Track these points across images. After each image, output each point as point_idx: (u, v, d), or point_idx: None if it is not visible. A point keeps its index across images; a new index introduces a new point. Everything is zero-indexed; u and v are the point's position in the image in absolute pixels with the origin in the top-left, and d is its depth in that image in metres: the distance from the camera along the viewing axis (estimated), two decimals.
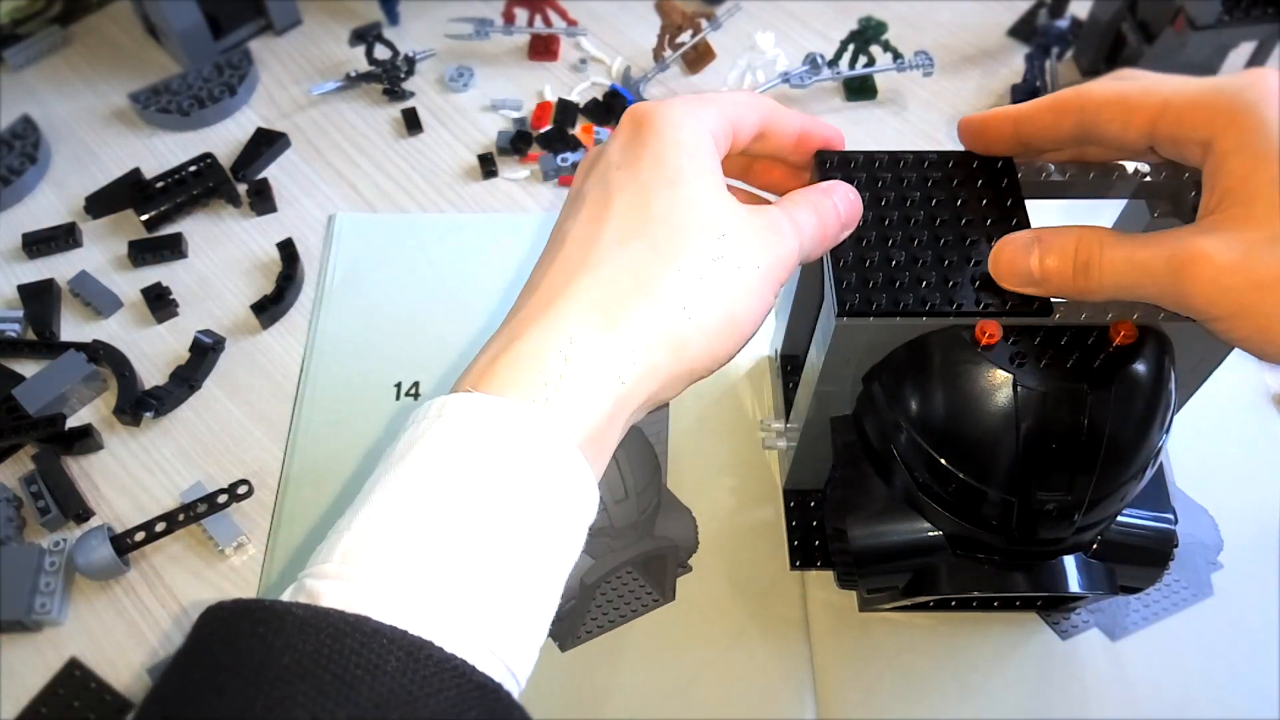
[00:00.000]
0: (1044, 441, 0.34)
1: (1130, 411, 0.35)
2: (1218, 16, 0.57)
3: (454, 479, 0.28)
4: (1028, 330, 0.35)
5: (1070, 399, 0.34)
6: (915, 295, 0.35)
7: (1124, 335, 0.34)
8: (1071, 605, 0.47)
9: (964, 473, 0.36)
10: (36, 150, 0.65)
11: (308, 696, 0.24)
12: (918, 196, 0.37)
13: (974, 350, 0.35)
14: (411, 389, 0.55)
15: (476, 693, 0.26)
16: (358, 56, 0.70)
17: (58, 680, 0.47)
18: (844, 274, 0.36)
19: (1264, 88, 0.32)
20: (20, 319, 0.58)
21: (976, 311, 0.35)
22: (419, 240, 0.61)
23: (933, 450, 0.36)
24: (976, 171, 0.38)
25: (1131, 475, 0.36)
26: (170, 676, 0.26)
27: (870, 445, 0.40)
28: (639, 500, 0.51)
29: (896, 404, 0.37)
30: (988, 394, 0.35)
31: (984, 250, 0.36)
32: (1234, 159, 0.31)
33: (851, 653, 0.46)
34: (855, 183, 0.38)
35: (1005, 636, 0.47)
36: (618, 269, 0.32)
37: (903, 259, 0.36)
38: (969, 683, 0.46)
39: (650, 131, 0.34)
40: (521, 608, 0.28)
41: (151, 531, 0.49)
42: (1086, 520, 0.36)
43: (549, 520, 0.29)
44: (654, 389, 0.32)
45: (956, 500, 0.37)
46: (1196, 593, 0.48)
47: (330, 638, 0.25)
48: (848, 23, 0.67)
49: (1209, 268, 0.30)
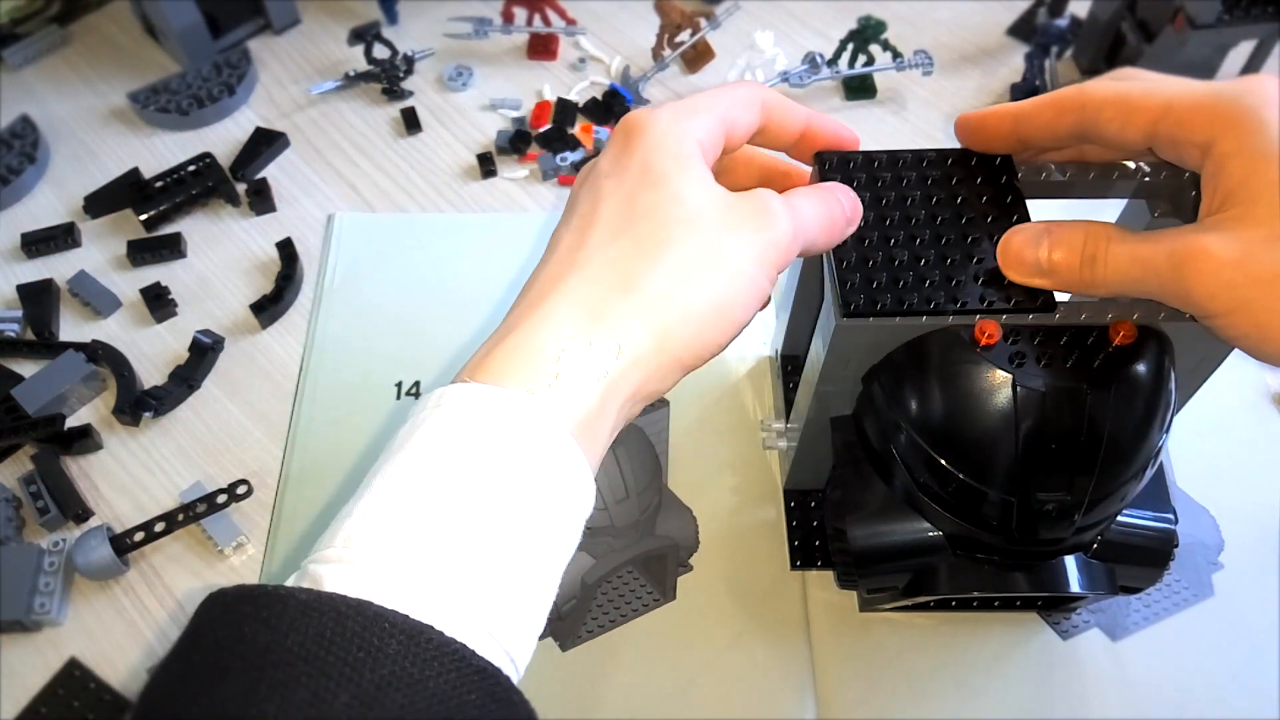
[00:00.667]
0: (1043, 442, 0.34)
1: (1129, 412, 0.35)
2: (1217, 16, 0.57)
3: (451, 465, 0.29)
4: (1027, 330, 0.35)
5: (1069, 399, 0.34)
6: (918, 295, 0.35)
7: (1123, 335, 0.34)
8: (1072, 605, 0.47)
9: (963, 473, 0.36)
10: (35, 150, 0.65)
11: (310, 678, 0.25)
12: (918, 196, 0.37)
13: (973, 350, 0.35)
14: (412, 388, 0.55)
15: (476, 676, 0.26)
16: (356, 56, 0.70)
17: (57, 680, 0.47)
18: (846, 274, 0.36)
19: (1263, 93, 0.32)
20: (19, 319, 0.58)
21: (979, 310, 0.35)
22: (418, 240, 0.61)
23: (932, 450, 0.36)
24: (975, 170, 0.38)
25: (1131, 475, 0.36)
26: (173, 661, 0.27)
27: (870, 445, 0.40)
28: (640, 500, 0.51)
29: (896, 404, 0.37)
30: (987, 394, 0.35)
31: (985, 248, 0.36)
32: (1235, 161, 0.32)
33: (852, 653, 0.46)
34: (855, 183, 0.38)
35: (1006, 636, 0.47)
36: (603, 266, 0.32)
37: (904, 259, 0.36)
38: (970, 683, 0.46)
39: (638, 139, 0.35)
40: (520, 593, 0.29)
41: (151, 531, 0.49)
42: (1086, 520, 0.36)
43: (545, 505, 0.30)
44: (641, 378, 0.32)
45: (956, 500, 0.37)
46: (1197, 593, 0.48)
47: (332, 621, 0.25)
48: (847, 22, 0.67)
49: (1210, 263, 0.31)
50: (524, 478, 0.29)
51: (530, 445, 0.29)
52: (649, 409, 0.53)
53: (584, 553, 0.49)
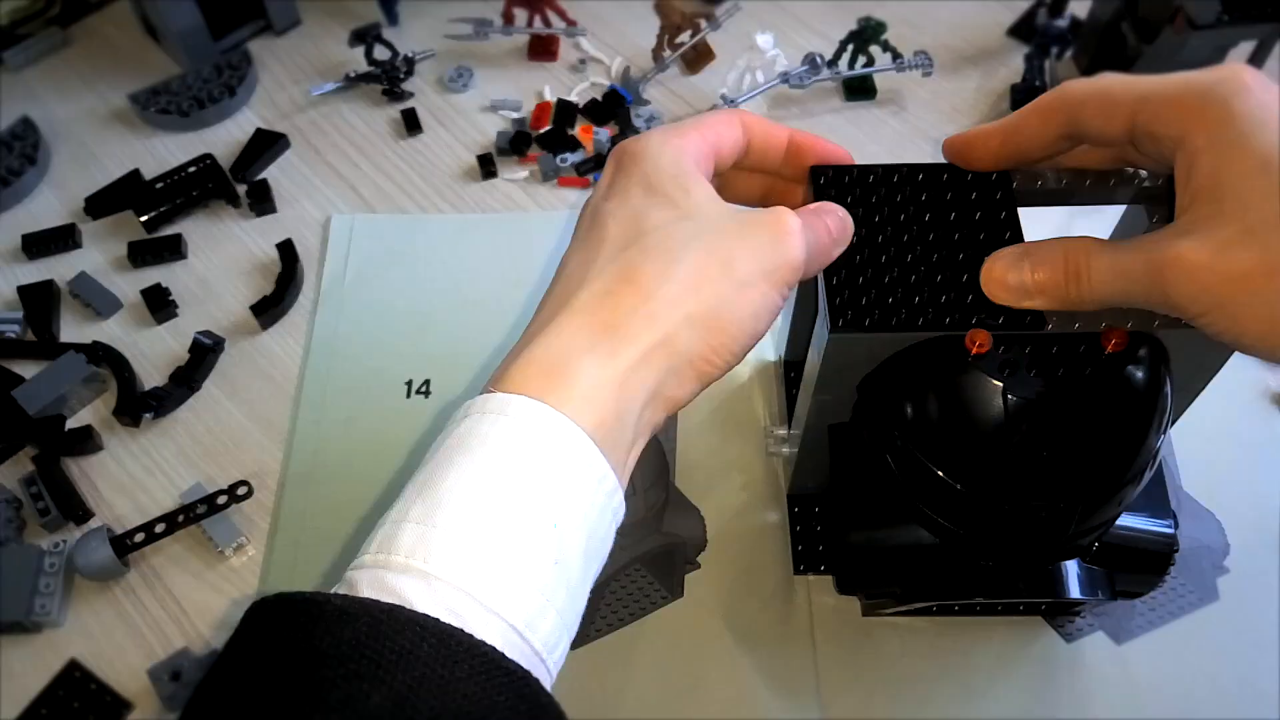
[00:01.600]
0: (1035, 449, 0.34)
1: (1122, 418, 0.35)
2: (1217, 16, 0.57)
3: (508, 477, 0.30)
4: (1018, 339, 0.35)
5: (1060, 407, 0.34)
6: (908, 309, 0.35)
7: (1115, 343, 0.34)
8: (1075, 609, 0.47)
9: (957, 481, 0.36)
10: (36, 151, 0.65)
11: (345, 679, 0.25)
12: (912, 210, 0.37)
13: (964, 360, 0.35)
14: (422, 386, 0.55)
15: (506, 678, 0.27)
16: (357, 57, 0.70)
17: (57, 681, 0.47)
18: (837, 290, 0.36)
19: (1236, 82, 0.32)
20: (20, 320, 0.58)
21: (970, 324, 0.35)
22: (419, 240, 0.61)
23: (926, 459, 0.36)
24: (971, 184, 0.38)
25: (1126, 481, 0.36)
26: (218, 665, 0.28)
27: (868, 453, 0.40)
28: (646, 496, 0.51)
29: (890, 413, 0.37)
30: (979, 403, 0.35)
31: (977, 263, 0.36)
32: (1204, 156, 0.31)
33: (855, 656, 0.46)
34: (849, 197, 0.38)
35: (1009, 640, 0.47)
36: (613, 278, 0.33)
37: (896, 273, 0.36)
38: (973, 686, 0.46)
39: (632, 161, 0.35)
40: (559, 598, 0.29)
41: (151, 533, 0.49)
42: (1082, 526, 0.36)
43: (583, 515, 0.30)
44: (656, 384, 0.32)
45: (951, 507, 0.37)
46: (1202, 597, 0.48)
47: (367, 626, 0.26)
48: (847, 23, 0.67)
49: (1184, 267, 0.31)
50: (563, 489, 0.30)
51: (564, 455, 0.30)
52: None
53: None
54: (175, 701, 0.46)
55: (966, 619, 0.47)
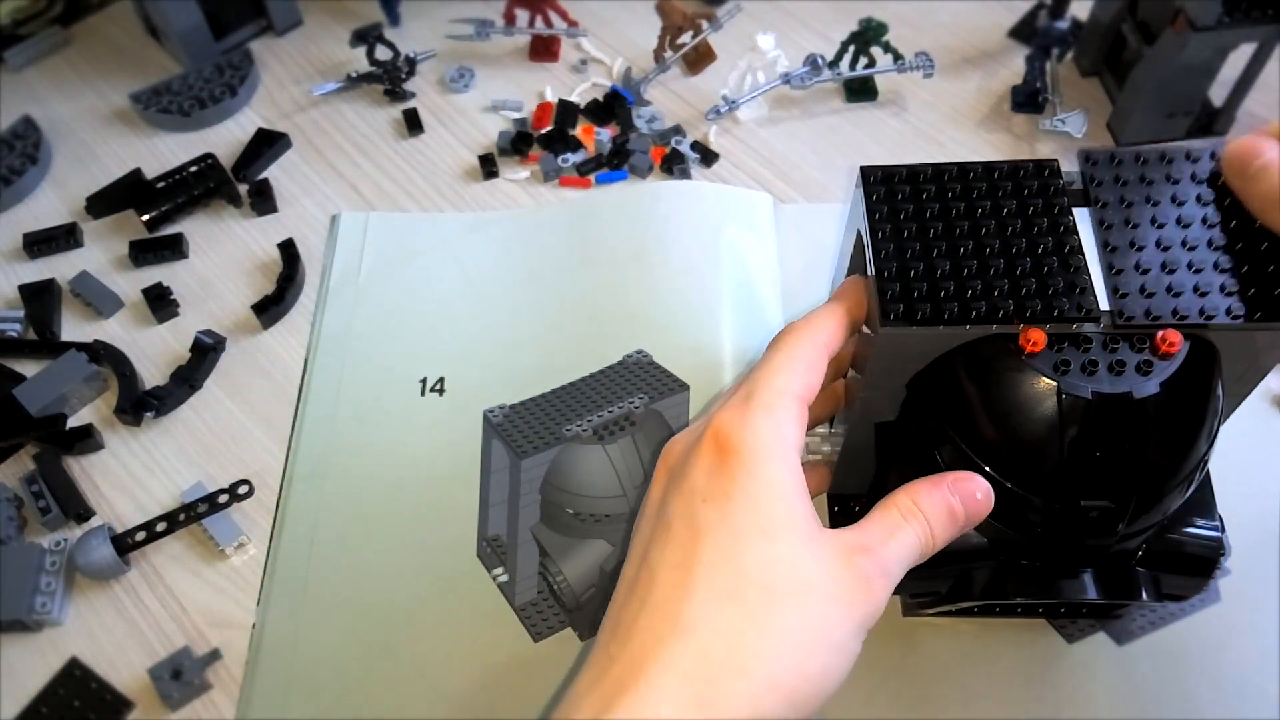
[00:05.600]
0: (1088, 449, 0.34)
1: (1175, 420, 0.35)
2: (1218, 17, 0.57)
3: None
4: (1072, 338, 0.35)
5: (1115, 407, 0.34)
6: (959, 304, 0.35)
7: (1169, 344, 0.34)
8: (1117, 613, 0.47)
9: (1008, 479, 0.36)
10: (37, 150, 0.65)
11: None
12: (962, 208, 0.37)
13: (1018, 358, 0.35)
14: (437, 384, 0.55)
15: None
16: (358, 57, 0.70)
17: (58, 680, 0.47)
18: (888, 284, 0.36)
19: None
20: (21, 319, 0.58)
21: (1022, 319, 0.35)
22: (431, 238, 0.61)
23: (977, 457, 0.36)
24: (1021, 181, 0.38)
25: (1177, 484, 0.36)
26: None
27: (915, 451, 0.40)
28: None
29: (941, 411, 0.37)
30: (1032, 402, 0.34)
31: (1028, 260, 0.36)
32: None
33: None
34: (899, 196, 0.37)
35: (1011, 640, 0.47)
36: (712, 639, 0.31)
37: (946, 269, 0.36)
38: (972, 685, 0.46)
39: (737, 462, 0.34)
40: None
41: (152, 531, 0.49)
42: (1131, 528, 0.36)
43: None
44: None
45: (1000, 506, 0.37)
46: (1203, 598, 0.48)
47: None
48: (848, 24, 0.67)
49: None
50: None
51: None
52: (669, 391, 0.52)
53: (602, 540, 0.49)
54: (175, 701, 0.46)
55: (967, 621, 0.47)
